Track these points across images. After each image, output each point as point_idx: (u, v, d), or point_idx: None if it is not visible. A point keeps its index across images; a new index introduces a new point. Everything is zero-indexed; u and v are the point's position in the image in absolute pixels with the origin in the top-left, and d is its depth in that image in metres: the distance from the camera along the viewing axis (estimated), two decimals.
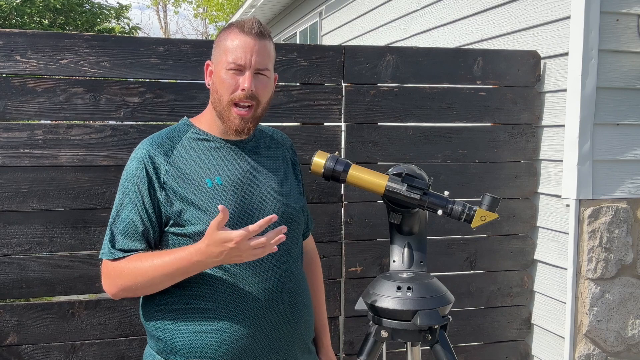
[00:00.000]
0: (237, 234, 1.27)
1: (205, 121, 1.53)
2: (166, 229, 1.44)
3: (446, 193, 1.77)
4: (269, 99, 1.51)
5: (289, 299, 1.51)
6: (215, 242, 1.29)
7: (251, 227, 1.27)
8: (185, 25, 36.74)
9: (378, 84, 2.47)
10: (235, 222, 1.43)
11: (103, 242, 1.47)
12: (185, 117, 1.58)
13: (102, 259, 1.47)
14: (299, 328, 1.54)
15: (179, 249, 1.37)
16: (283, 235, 1.31)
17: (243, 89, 1.43)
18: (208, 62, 1.52)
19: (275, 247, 1.32)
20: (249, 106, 1.46)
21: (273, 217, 1.29)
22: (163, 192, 1.42)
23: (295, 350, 1.54)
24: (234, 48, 1.43)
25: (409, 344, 1.85)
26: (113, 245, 1.43)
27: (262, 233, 1.32)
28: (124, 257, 1.41)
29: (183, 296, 1.43)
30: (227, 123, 1.47)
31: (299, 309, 1.54)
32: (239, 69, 1.43)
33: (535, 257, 2.73)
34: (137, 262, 1.39)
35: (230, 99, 1.44)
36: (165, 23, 24.75)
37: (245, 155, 1.52)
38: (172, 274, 1.36)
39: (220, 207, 1.27)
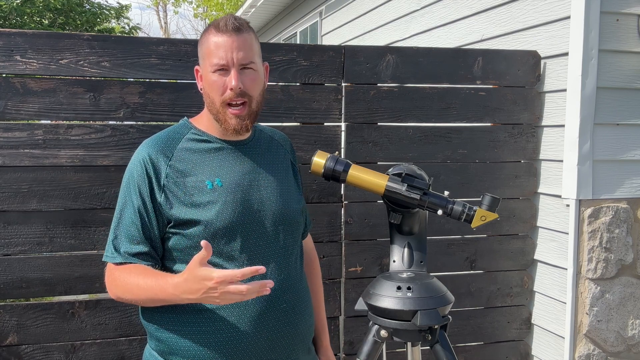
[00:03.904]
0: (219, 274, 1.20)
1: (204, 122, 1.53)
2: (167, 229, 1.44)
3: (446, 193, 1.77)
4: (261, 91, 1.49)
5: (290, 298, 1.51)
6: (195, 278, 1.24)
7: (234, 272, 1.20)
8: (185, 25, 36.68)
9: (378, 84, 2.47)
10: (235, 223, 1.43)
11: (106, 245, 1.47)
12: (185, 117, 1.57)
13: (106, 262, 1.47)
14: (300, 328, 1.54)
15: (163, 275, 1.35)
16: (268, 289, 1.23)
17: (231, 88, 1.42)
18: (197, 67, 1.52)
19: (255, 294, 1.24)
20: (242, 103, 1.44)
21: (261, 268, 1.21)
22: (163, 195, 1.42)
23: (297, 349, 1.54)
24: (214, 49, 1.42)
25: (409, 344, 1.85)
26: (116, 249, 1.43)
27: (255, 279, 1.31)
28: (122, 263, 1.42)
29: None
30: (224, 125, 1.46)
31: (300, 309, 1.54)
32: (224, 69, 1.42)
33: (535, 257, 2.73)
34: (128, 276, 1.40)
35: (222, 101, 1.44)
36: (165, 23, 24.74)
37: (245, 156, 1.52)
38: (151, 298, 1.37)
39: (203, 242, 1.21)
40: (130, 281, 1.39)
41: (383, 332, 1.70)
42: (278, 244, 1.50)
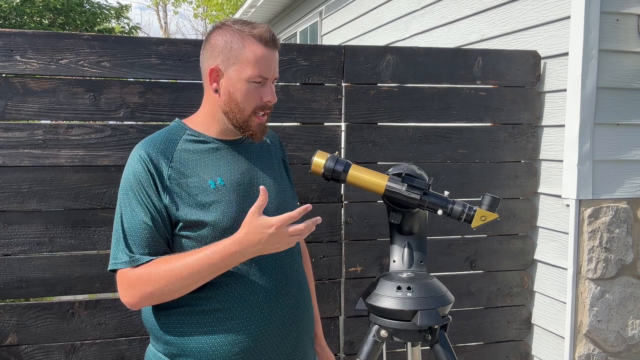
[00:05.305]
0: (277, 219, 1.29)
1: (200, 122, 1.52)
2: (178, 231, 1.43)
3: (446, 193, 1.77)
4: None
5: (295, 293, 1.52)
6: (255, 228, 1.30)
7: (290, 213, 1.30)
8: (185, 25, 36.75)
9: (378, 84, 2.47)
10: (237, 221, 1.43)
11: (114, 252, 1.41)
12: (177, 119, 1.56)
13: (115, 270, 1.40)
14: (305, 321, 1.56)
15: (211, 245, 1.35)
16: (319, 220, 1.34)
17: (269, 101, 1.46)
18: (214, 67, 1.46)
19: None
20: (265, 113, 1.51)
21: (308, 206, 1.31)
22: (167, 196, 1.40)
23: (304, 342, 1.56)
24: (257, 61, 1.42)
25: (409, 344, 1.86)
26: (131, 253, 1.38)
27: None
28: (147, 261, 1.37)
29: (191, 298, 1.42)
30: (249, 131, 1.49)
31: (304, 302, 1.56)
32: (261, 82, 1.45)
33: (535, 257, 2.73)
34: (166, 264, 1.34)
35: (253, 111, 1.46)
36: (165, 23, 24.75)
37: (241, 155, 1.53)
38: (207, 270, 1.33)
39: (261, 187, 1.31)
40: (174, 265, 1.33)
41: (383, 332, 1.70)
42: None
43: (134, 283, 1.37)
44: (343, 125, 2.46)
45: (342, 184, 2.41)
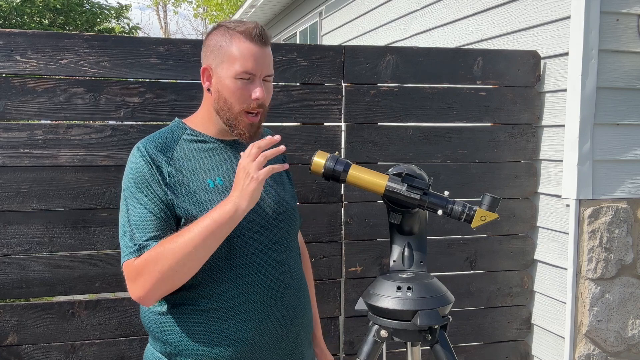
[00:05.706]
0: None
1: (200, 122, 1.52)
2: (180, 227, 1.42)
3: (446, 193, 1.77)
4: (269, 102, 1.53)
5: (293, 292, 1.52)
6: (235, 180, 1.36)
7: (251, 145, 1.35)
8: (185, 25, 36.78)
9: (378, 84, 2.47)
10: (240, 221, 1.43)
11: (122, 248, 1.39)
12: (176, 119, 1.56)
13: (122, 267, 1.38)
14: (303, 321, 1.55)
15: (209, 212, 1.34)
16: (277, 144, 1.37)
17: (257, 98, 1.43)
18: (206, 66, 1.48)
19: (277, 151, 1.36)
20: (256, 113, 1.47)
21: (279, 145, 1.36)
22: (169, 192, 1.41)
23: (303, 342, 1.56)
24: (243, 56, 1.41)
25: (409, 344, 1.85)
26: (140, 245, 1.36)
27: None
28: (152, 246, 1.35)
29: (189, 297, 1.42)
30: (237, 130, 1.47)
31: (302, 302, 1.56)
32: (250, 78, 1.43)
33: (535, 257, 2.73)
34: (173, 240, 1.33)
35: (242, 109, 1.44)
36: (165, 23, 24.76)
37: (240, 155, 1.52)
38: (214, 234, 1.32)
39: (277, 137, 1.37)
40: (181, 239, 1.31)
41: (383, 332, 1.70)
42: (280, 239, 1.51)
43: (143, 269, 1.33)
44: (343, 125, 2.46)
45: (342, 184, 2.41)
